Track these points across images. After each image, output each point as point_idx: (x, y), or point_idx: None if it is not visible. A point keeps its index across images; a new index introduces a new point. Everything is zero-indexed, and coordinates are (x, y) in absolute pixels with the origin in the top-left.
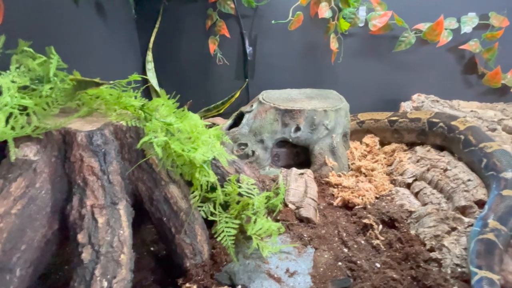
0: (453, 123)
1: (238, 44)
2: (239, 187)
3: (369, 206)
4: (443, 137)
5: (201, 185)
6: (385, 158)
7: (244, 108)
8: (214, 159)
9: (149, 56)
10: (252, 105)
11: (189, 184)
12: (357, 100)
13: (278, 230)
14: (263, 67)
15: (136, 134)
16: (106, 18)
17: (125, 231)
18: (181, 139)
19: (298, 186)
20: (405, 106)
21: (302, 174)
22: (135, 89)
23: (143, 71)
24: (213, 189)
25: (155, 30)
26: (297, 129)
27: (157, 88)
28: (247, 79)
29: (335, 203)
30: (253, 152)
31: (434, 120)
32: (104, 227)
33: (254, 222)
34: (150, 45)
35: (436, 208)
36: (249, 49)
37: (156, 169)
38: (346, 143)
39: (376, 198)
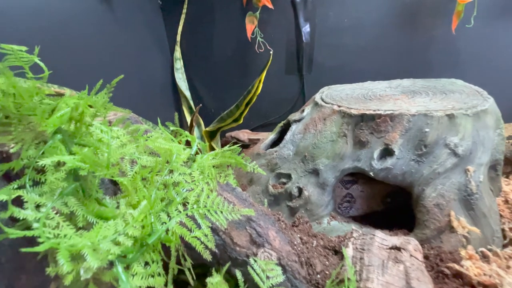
0: None
1: (288, 21)
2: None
3: None
4: None
5: None
6: None
7: (292, 116)
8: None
9: (177, 53)
10: (303, 110)
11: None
12: (504, 99)
13: None
14: (327, 52)
15: None
16: (128, 9)
17: None
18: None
19: (389, 282)
20: None
21: (398, 249)
22: (163, 95)
23: (172, 71)
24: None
25: (183, 16)
26: (387, 152)
27: (187, 92)
28: (303, 73)
29: None
30: (300, 190)
31: None
32: None
33: None
34: (178, 37)
35: None
36: (305, 26)
37: None
38: (497, 183)
39: None
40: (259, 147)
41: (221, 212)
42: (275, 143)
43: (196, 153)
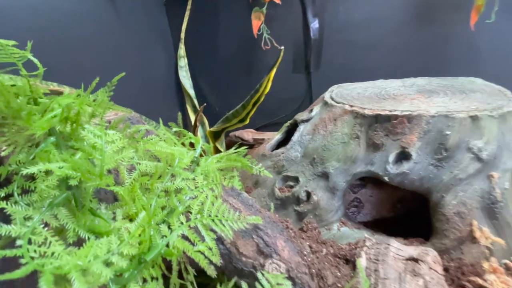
0: None
1: (295, 16)
2: None
3: None
4: None
5: None
6: None
7: (299, 116)
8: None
9: (181, 50)
10: (311, 110)
11: None
12: None
13: None
14: (336, 49)
15: None
16: (131, 5)
17: None
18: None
19: None
20: None
21: (415, 260)
22: (167, 93)
23: (176, 69)
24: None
25: (187, 13)
26: (403, 156)
27: (191, 91)
28: (310, 71)
29: None
30: (309, 194)
31: None
32: None
33: None
34: (182, 34)
35: None
36: (313, 22)
37: None
38: None
39: None
40: (265, 148)
41: (227, 221)
42: (281, 143)
43: (200, 155)
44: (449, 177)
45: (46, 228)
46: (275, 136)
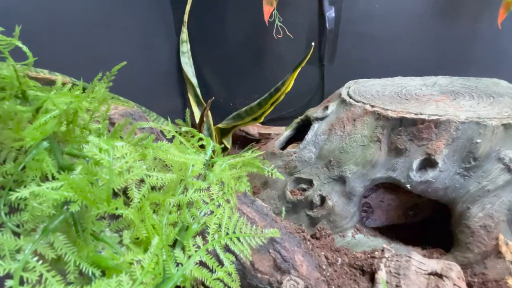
0: None
1: (311, 4)
2: None
3: None
4: None
5: None
6: None
7: (312, 112)
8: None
9: (184, 34)
10: (326, 107)
11: None
12: None
13: None
14: (353, 42)
15: None
16: None
17: None
18: None
19: None
20: None
21: (439, 275)
22: (167, 81)
23: (178, 54)
24: None
25: None
26: (428, 163)
27: (193, 79)
28: (323, 64)
29: None
30: (323, 198)
31: None
32: None
33: None
34: (185, 17)
35: None
36: (329, 11)
37: None
38: None
39: None
40: (274, 145)
41: (244, 238)
42: (290, 140)
43: (211, 157)
44: (477, 187)
45: (40, 262)
46: (284, 132)
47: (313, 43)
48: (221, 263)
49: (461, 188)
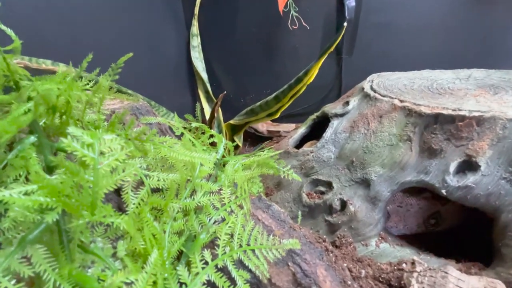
0: None
1: None
2: None
3: None
4: None
5: None
6: None
7: (330, 108)
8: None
9: (195, 28)
10: (347, 102)
11: None
12: None
13: None
14: (374, 33)
15: None
16: None
17: None
18: None
19: None
20: None
21: None
22: (177, 76)
23: (188, 48)
24: None
25: None
26: (468, 166)
27: (203, 74)
28: (341, 56)
29: None
30: (344, 203)
31: None
32: None
33: None
34: (196, 10)
35: None
36: (349, 0)
37: None
38: None
39: None
40: (287, 144)
41: (260, 250)
42: (305, 138)
43: (222, 155)
44: None
45: (13, 281)
46: (298, 130)
47: (345, 23)
48: (233, 282)
49: (507, 195)
